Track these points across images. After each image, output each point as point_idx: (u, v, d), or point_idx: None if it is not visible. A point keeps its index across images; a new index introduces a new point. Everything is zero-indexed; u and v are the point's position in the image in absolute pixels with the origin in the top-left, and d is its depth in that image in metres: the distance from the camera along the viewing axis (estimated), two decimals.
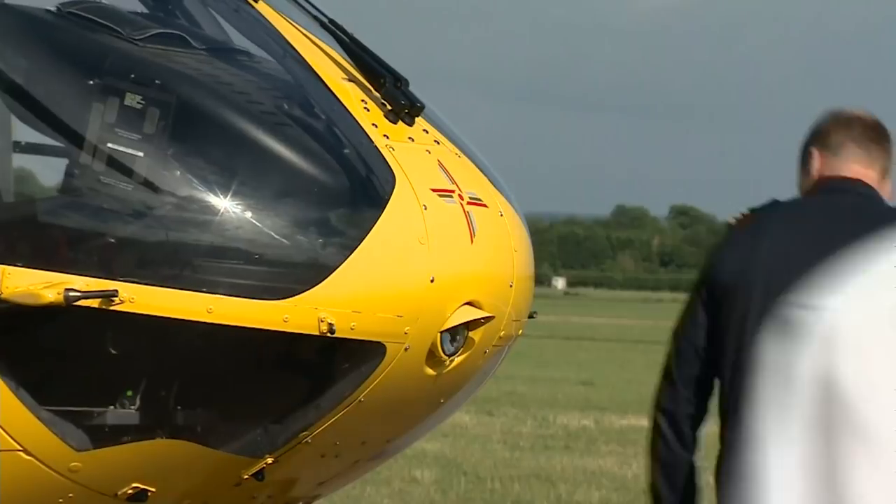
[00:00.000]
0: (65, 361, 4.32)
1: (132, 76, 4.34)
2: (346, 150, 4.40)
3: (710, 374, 3.79)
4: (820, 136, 4.00)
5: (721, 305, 3.74)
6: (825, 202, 3.95)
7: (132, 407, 4.31)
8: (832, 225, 3.77)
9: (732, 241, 3.90)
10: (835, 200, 3.95)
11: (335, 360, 4.36)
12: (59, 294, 4.21)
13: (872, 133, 3.92)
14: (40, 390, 4.30)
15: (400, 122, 4.43)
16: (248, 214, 4.29)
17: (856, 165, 3.93)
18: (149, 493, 4.36)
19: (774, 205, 4.03)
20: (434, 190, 4.42)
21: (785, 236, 3.84)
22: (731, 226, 4.04)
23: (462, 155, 4.55)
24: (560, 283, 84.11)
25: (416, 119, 4.44)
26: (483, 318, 4.43)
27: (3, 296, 4.22)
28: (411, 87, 4.51)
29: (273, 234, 4.30)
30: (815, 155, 4.00)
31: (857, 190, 3.93)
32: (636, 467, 12.53)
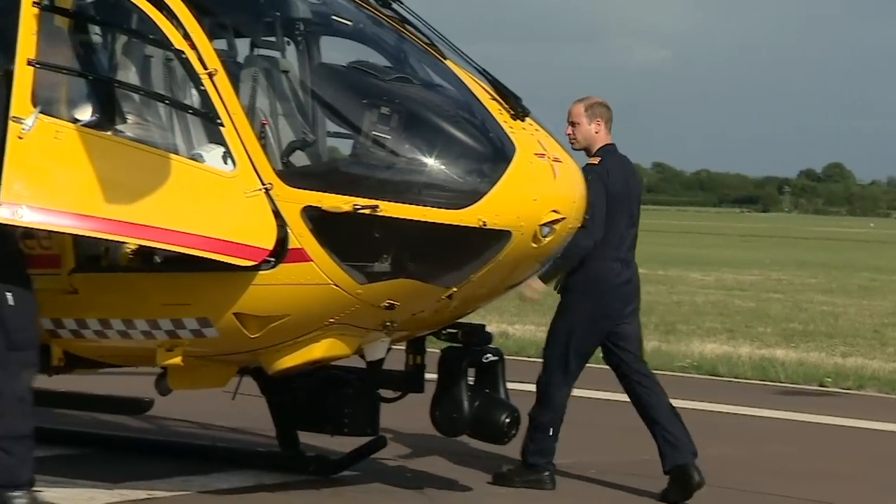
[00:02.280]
0: (353, 238, 7.76)
1: (384, 97, 8.12)
2: (492, 134, 8.12)
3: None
4: (605, 114, 9.06)
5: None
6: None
7: (387, 262, 7.88)
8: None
9: (603, 167, 8.97)
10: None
11: (486, 240, 7.87)
12: (349, 206, 7.75)
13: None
14: (342, 253, 7.76)
15: (517, 120, 8.18)
16: (444, 167, 7.89)
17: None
18: (396, 305, 8.07)
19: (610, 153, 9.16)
20: (535, 154, 8.11)
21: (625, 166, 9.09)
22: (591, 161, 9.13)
23: (549, 136, 8.36)
24: None
25: (526, 118, 8.32)
26: (561, 218, 8.02)
27: (324, 207, 7.92)
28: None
29: (456, 176, 7.87)
30: (602, 126, 8.96)
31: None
32: None
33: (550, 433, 9.18)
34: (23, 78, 7.60)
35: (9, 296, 7.48)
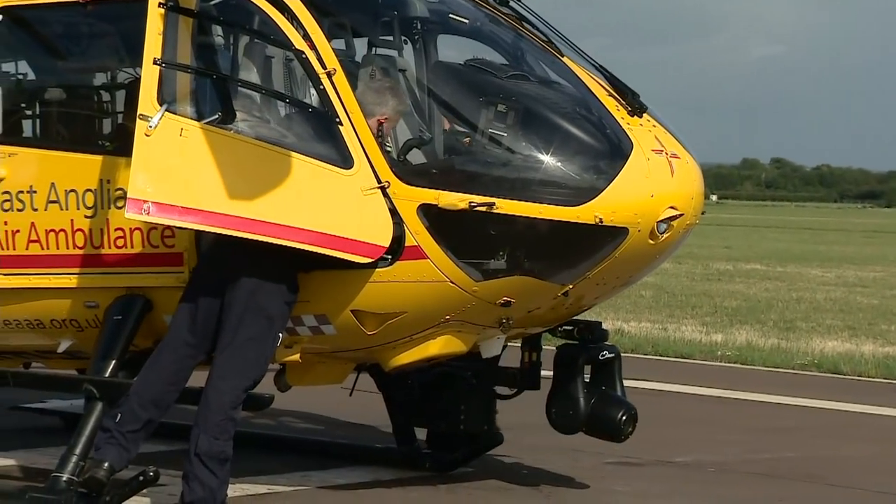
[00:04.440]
0: (469, 235, 7.74)
1: (501, 95, 8.08)
2: (608, 130, 8.09)
3: None
4: None
5: None
6: None
7: (503, 260, 7.82)
8: None
9: None
10: None
11: (603, 237, 7.85)
12: (465, 203, 7.75)
13: None
14: (458, 250, 7.78)
15: (634, 116, 8.15)
16: (560, 164, 7.83)
17: None
18: (512, 302, 8.06)
19: None
20: (652, 150, 8.05)
21: None
22: None
23: (666, 132, 8.28)
24: (714, 197, 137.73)
25: (643, 114, 8.26)
26: (678, 214, 7.96)
27: (440, 205, 7.80)
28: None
29: (573, 173, 7.83)
30: None
31: None
32: (755, 289, 25.84)
33: None
34: (149, 77, 7.76)
35: (280, 336, 7.82)
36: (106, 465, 7.79)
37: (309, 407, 11.45)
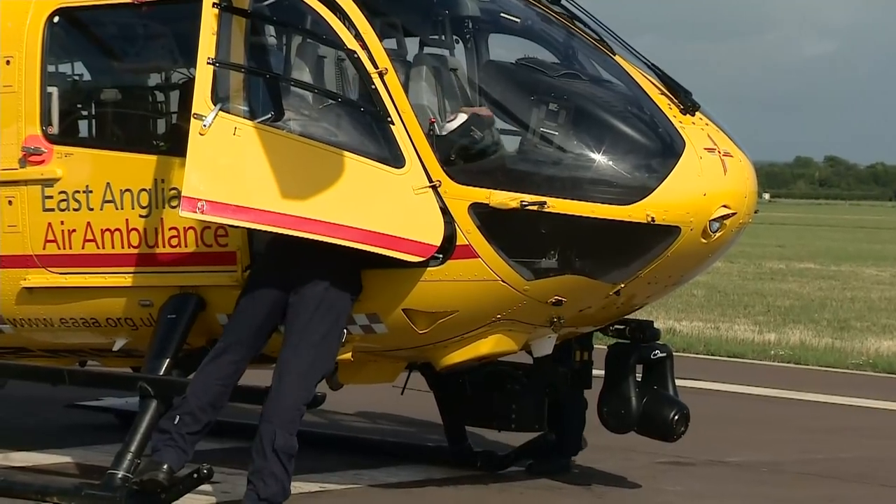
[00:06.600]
0: (521, 234, 7.79)
1: (552, 94, 8.16)
2: (660, 129, 8.10)
3: None
4: None
5: None
6: None
7: (554, 259, 7.88)
8: None
9: None
10: None
11: (655, 236, 7.87)
12: (517, 202, 7.83)
13: None
14: (510, 249, 7.82)
15: (686, 115, 8.17)
16: (612, 162, 7.87)
17: None
18: (563, 301, 8.11)
19: None
20: (705, 148, 8.05)
21: None
22: None
23: (719, 130, 8.25)
24: (766, 195, 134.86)
25: (696, 113, 8.26)
26: (731, 213, 7.98)
27: (491, 204, 7.89)
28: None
29: (624, 172, 7.85)
30: None
31: None
32: (809, 288, 25.73)
33: None
34: (203, 76, 7.84)
35: (345, 332, 7.92)
36: (165, 466, 7.85)
37: (360, 405, 11.49)
